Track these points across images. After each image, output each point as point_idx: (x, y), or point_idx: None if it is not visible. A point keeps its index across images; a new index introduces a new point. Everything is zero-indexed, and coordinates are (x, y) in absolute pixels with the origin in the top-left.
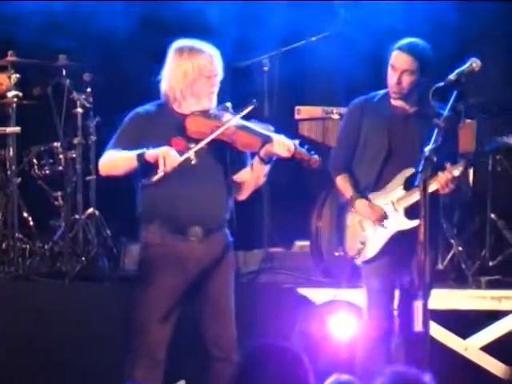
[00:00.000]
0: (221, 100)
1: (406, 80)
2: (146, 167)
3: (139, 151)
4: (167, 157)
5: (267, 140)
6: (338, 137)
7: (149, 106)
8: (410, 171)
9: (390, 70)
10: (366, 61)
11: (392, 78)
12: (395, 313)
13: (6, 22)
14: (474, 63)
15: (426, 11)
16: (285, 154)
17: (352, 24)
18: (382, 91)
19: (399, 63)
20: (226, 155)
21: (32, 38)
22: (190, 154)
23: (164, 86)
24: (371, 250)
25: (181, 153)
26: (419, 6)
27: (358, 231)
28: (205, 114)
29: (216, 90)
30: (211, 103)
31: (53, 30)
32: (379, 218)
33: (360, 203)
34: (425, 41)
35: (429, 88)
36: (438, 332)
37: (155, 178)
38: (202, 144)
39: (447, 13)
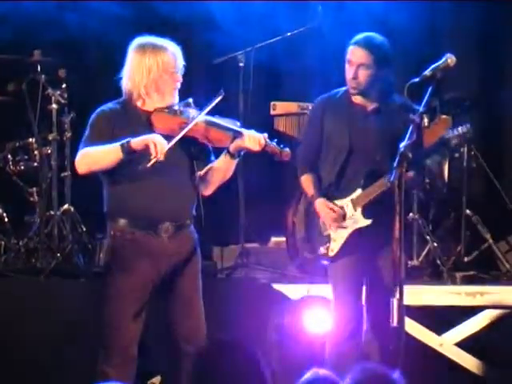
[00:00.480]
0: (196, 97)
1: (363, 74)
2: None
3: (122, 142)
4: (158, 143)
5: (237, 135)
6: (303, 135)
7: (112, 104)
8: (367, 169)
9: (346, 65)
10: (342, 57)
11: (349, 72)
12: (364, 309)
13: None
14: (449, 59)
15: (403, 10)
16: (255, 147)
17: (328, 20)
18: (343, 88)
19: (355, 57)
20: (191, 151)
21: (6, 34)
22: (175, 141)
23: (127, 84)
24: (332, 249)
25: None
26: (396, 4)
27: (323, 230)
28: (169, 110)
29: (179, 85)
30: (174, 99)
31: (27, 26)
32: (336, 218)
33: (319, 203)
34: (394, 36)
35: (389, 83)
36: (412, 328)
37: (149, 164)
38: (179, 137)
39: (421, 11)
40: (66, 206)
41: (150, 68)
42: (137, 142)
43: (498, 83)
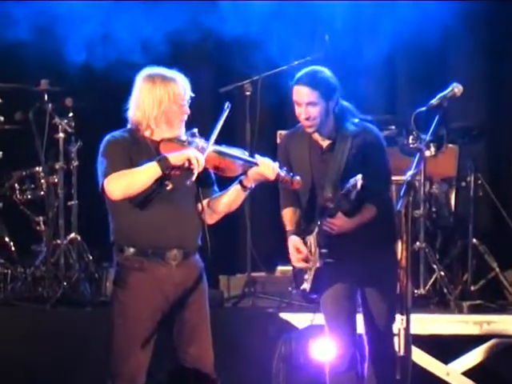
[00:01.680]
0: (203, 126)
1: (313, 112)
2: None
3: (156, 159)
4: (198, 156)
5: (251, 164)
6: None
7: (120, 133)
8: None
9: (295, 107)
10: (348, 87)
11: (300, 114)
12: (364, 337)
13: None
14: (456, 88)
15: (413, 34)
16: (271, 175)
17: (335, 50)
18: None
19: (301, 97)
20: (197, 179)
21: (13, 64)
22: (205, 155)
23: (136, 114)
24: (306, 286)
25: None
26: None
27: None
28: (178, 140)
29: (186, 117)
30: (182, 130)
31: (34, 55)
32: (301, 259)
33: (290, 240)
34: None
35: (341, 111)
36: (419, 357)
37: (191, 180)
38: (206, 153)
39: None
40: (72, 235)
41: (161, 99)
42: (175, 157)
43: (505, 112)
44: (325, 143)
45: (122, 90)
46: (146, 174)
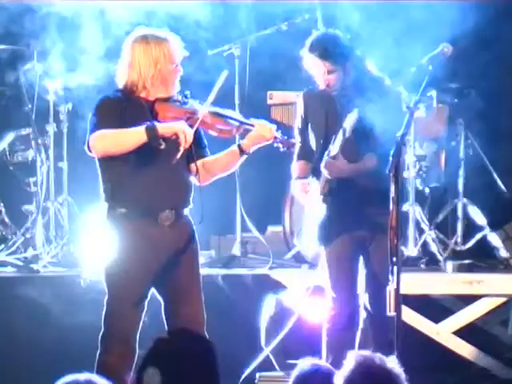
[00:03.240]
0: (192, 88)
1: (331, 78)
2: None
3: (146, 126)
4: (187, 133)
5: (247, 125)
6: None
7: (114, 93)
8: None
9: (313, 73)
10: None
11: (320, 82)
12: (365, 297)
13: None
14: (446, 48)
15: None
16: (269, 135)
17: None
18: None
19: (319, 68)
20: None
21: (4, 25)
22: (194, 129)
23: (131, 74)
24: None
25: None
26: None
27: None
28: (172, 100)
29: (179, 76)
30: (176, 89)
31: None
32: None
33: (294, 184)
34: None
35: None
36: (409, 316)
37: (178, 156)
38: (196, 125)
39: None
40: (63, 196)
41: (157, 59)
42: (165, 128)
43: (495, 72)
44: (343, 98)
45: (111, 53)
46: (131, 137)
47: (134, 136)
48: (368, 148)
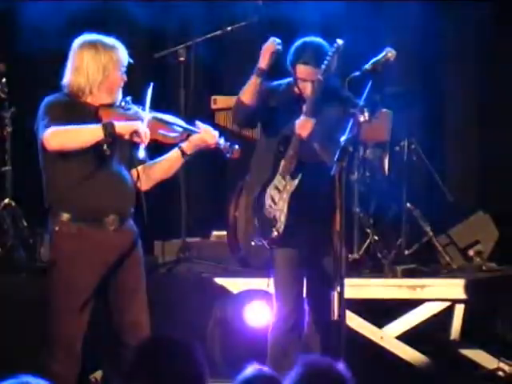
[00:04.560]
0: (137, 91)
1: (317, 86)
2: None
3: (103, 123)
4: (147, 131)
5: (192, 132)
6: None
7: (59, 96)
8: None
9: (299, 81)
10: (283, 52)
11: (304, 88)
12: (305, 301)
13: None
14: (389, 53)
15: (342, 8)
16: (212, 141)
17: (269, 15)
18: (287, 80)
19: (308, 76)
20: (129, 146)
21: None
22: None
23: (78, 80)
24: (280, 226)
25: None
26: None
27: (268, 215)
28: (115, 106)
29: (123, 83)
30: (119, 96)
31: None
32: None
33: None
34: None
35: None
36: (353, 321)
37: (143, 154)
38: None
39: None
40: (6, 201)
41: (106, 66)
42: (123, 126)
43: (438, 76)
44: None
45: (55, 56)
46: (88, 134)
47: (90, 132)
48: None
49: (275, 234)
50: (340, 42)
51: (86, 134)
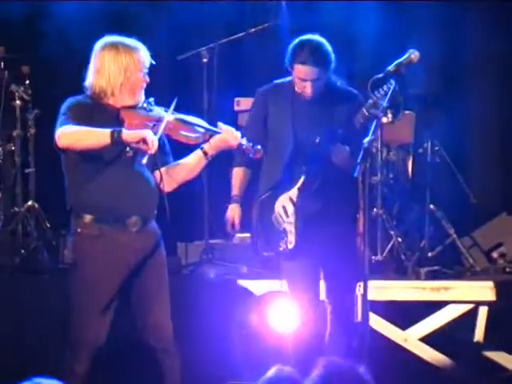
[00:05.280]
0: (160, 93)
1: (318, 85)
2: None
3: (112, 129)
4: (154, 140)
5: (214, 132)
6: (245, 128)
7: (82, 97)
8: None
9: (297, 81)
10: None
11: (304, 87)
12: (327, 303)
13: None
14: (413, 54)
15: (364, 9)
16: (234, 141)
17: (292, 16)
18: (288, 79)
19: (308, 76)
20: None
21: None
22: (159, 135)
23: (100, 81)
24: (291, 241)
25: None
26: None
27: (278, 225)
28: (138, 108)
29: (145, 85)
30: (141, 98)
31: None
32: (231, 228)
33: (231, 208)
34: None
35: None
36: (377, 323)
37: (145, 160)
38: (160, 131)
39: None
40: (30, 203)
41: (127, 67)
42: (130, 134)
43: (462, 78)
44: (316, 105)
45: (78, 58)
46: (96, 137)
47: (98, 135)
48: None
49: (284, 247)
50: (393, 82)
51: (94, 138)
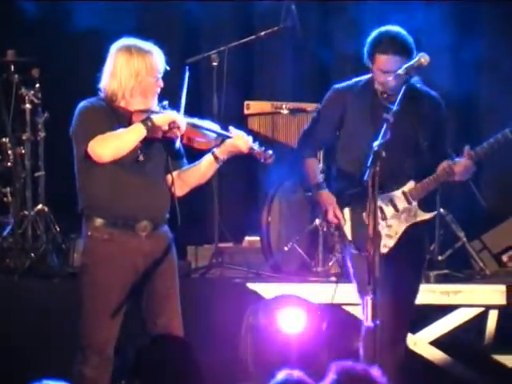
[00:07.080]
0: (170, 96)
1: (398, 83)
2: None
3: (142, 120)
4: (180, 120)
5: (225, 137)
6: (313, 121)
7: (95, 100)
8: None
9: (379, 73)
10: (315, 56)
11: (388, 81)
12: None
13: None
14: (423, 58)
15: (375, 11)
16: (244, 147)
17: (301, 20)
18: (365, 77)
19: (392, 67)
20: (166, 152)
21: None
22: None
23: (111, 84)
24: (385, 244)
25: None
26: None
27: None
28: (150, 111)
29: (159, 90)
30: (154, 102)
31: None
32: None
33: (325, 195)
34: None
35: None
36: None
37: (178, 144)
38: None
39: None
40: (39, 206)
41: (139, 71)
42: (160, 118)
43: (473, 80)
44: (392, 98)
45: (89, 61)
46: (132, 134)
47: (133, 133)
48: None
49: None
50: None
51: (132, 135)
